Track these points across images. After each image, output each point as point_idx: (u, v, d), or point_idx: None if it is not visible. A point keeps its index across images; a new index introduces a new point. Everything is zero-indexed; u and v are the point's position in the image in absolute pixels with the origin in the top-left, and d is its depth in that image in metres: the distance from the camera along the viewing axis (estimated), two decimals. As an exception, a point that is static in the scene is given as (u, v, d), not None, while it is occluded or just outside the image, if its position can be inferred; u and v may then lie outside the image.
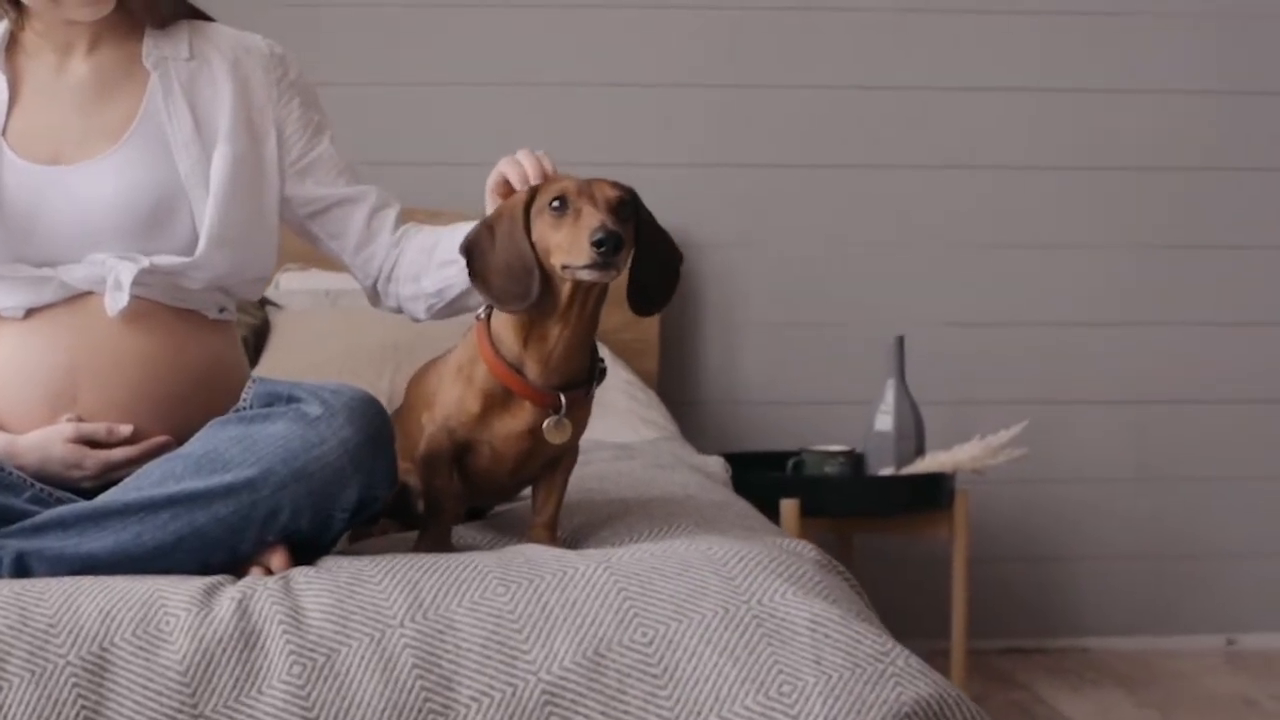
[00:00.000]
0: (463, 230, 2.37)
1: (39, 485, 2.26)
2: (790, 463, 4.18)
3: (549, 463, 2.32)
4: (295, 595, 2.03)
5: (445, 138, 4.52)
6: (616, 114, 4.64)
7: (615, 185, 2.20)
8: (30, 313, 2.36)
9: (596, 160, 4.45)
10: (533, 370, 2.24)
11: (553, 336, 2.22)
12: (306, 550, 2.19)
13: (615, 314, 4.32)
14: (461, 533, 2.37)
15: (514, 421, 2.25)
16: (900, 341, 4.22)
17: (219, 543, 2.13)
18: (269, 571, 2.15)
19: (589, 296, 2.22)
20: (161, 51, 2.46)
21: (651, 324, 4.38)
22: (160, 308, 2.37)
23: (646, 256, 2.24)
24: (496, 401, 2.26)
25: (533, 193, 2.22)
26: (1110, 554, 4.81)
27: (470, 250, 2.23)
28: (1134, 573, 4.83)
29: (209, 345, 2.42)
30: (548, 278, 2.19)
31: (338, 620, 1.98)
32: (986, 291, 4.74)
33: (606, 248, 2.09)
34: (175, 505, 2.12)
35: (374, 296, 2.60)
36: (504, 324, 2.25)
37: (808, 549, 2.26)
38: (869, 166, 4.68)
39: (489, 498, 2.42)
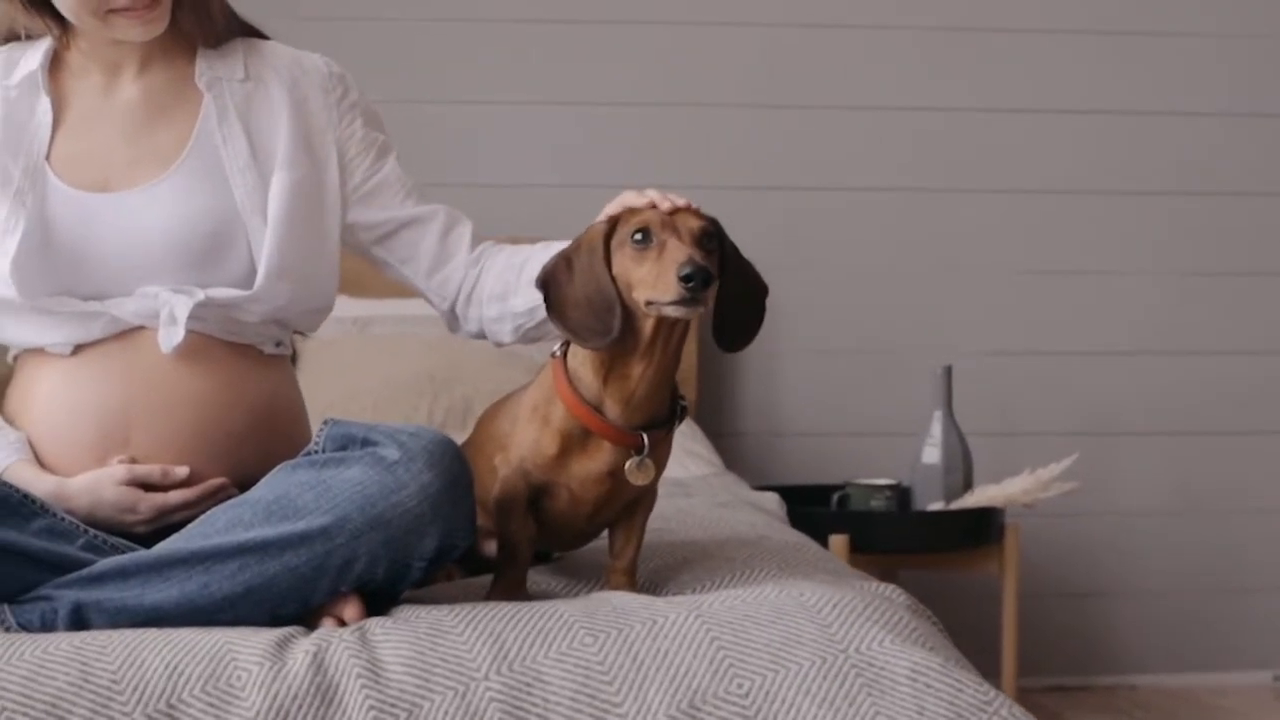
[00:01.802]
0: (556, 247, 2.28)
1: (92, 531, 2.16)
2: (835, 497, 4.12)
3: (628, 505, 2.24)
4: (373, 647, 1.94)
5: (482, 158, 4.45)
6: (655, 134, 4.58)
7: (699, 215, 2.12)
8: (78, 349, 2.27)
9: (634, 180, 4.34)
10: (613, 410, 2.15)
11: (635, 375, 2.14)
12: (378, 599, 2.09)
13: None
14: (534, 578, 2.29)
15: (593, 463, 2.17)
16: (948, 371, 4.15)
17: (290, 593, 2.04)
18: (342, 622, 2.06)
19: (673, 333, 2.13)
20: (215, 72, 2.38)
21: (689, 352, 4.29)
22: (215, 343, 2.28)
23: (732, 290, 2.15)
24: (574, 442, 2.17)
25: (612, 224, 2.13)
26: (1157, 589, 4.74)
27: (547, 282, 2.14)
28: (1181, 608, 4.76)
29: (266, 381, 2.33)
30: (629, 313, 2.10)
31: (419, 673, 1.90)
32: (1033, 319, 4.67)
33: (695, 283, 2.00)
34: (245, 554, 2.02)
35: (452, 320, 2.50)
36: (583, 362, 2.16)
37: (897, 593, 2.21)
38: (914, 190, 4.62)
39: (565, 543, 2.33)
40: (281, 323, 2.36)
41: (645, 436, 2.17)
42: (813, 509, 4.01)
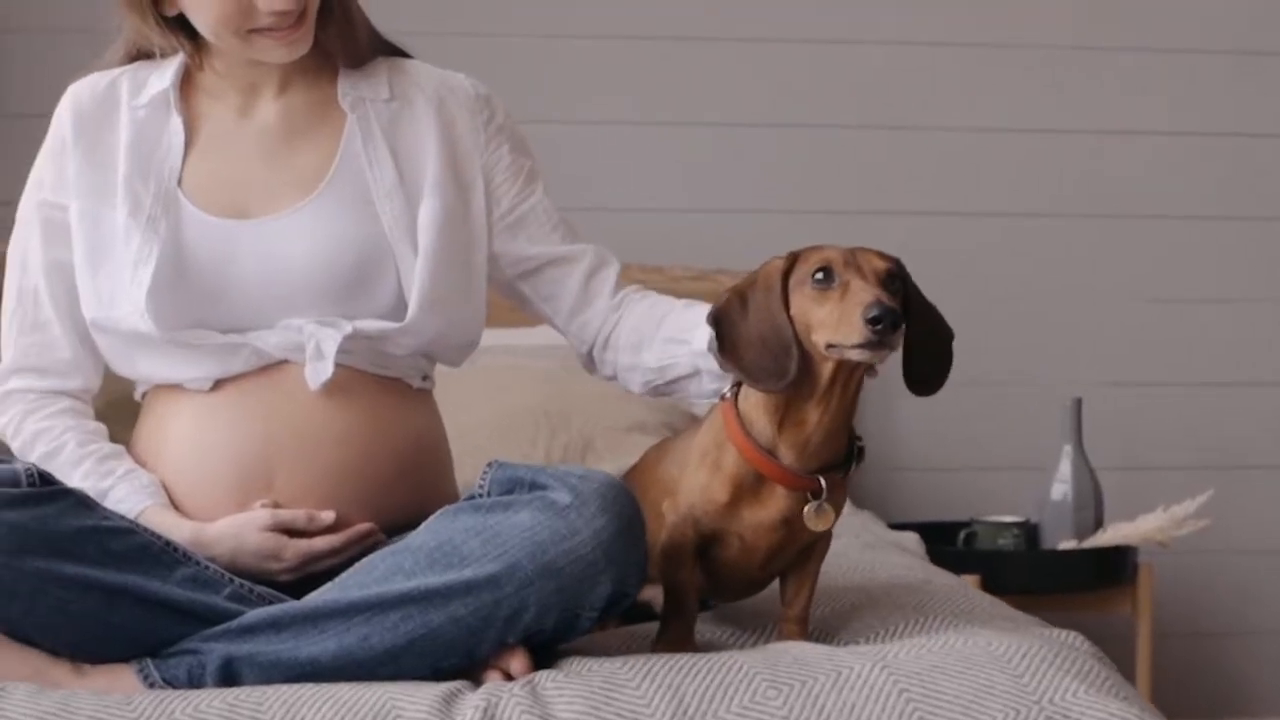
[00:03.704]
0: (698, 309, 2.24)
1: (238, 580, 2.08)
2: (962, 535, 4.02)
3: (801, 552, 2.16)
4: (545, 702, 1.86)
5: (604, 180, 4.37)
6: (780, 156, 4.47)
7: (883, 256, 2.03)
8: (218, 384, 2.19)
9: (758, 204, 4.39)
10: (788, 456, 2.07)
11: (811, 420, 2.05)
12: (542, 651, 2.01)
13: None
14: (699, 628, 2.20)
15: (766, 510, 2.08)
16: (1078, 404, 4.05)
17: (455, 645, 1.95)
18: (509, 676, 1.97)
19: (852, 377, 2.04)
20: (359, 92, 2.30)
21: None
22: (363, 377, 2.20)
23: (919, 332, 2.07)
24: (747, 489, 2.08)
25: (791, 260, 2.04)
26: (1290, 629, 4.63)
27: (719, 320, 2.05)
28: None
29: (414, 419, 2.25)
30: (806, 356, 2.02)
31: (596, 730, 1.83)
32: (1162, 349, 4.56)
33: (883, 325, 1.92)
34: (407, 604, 1.94)
35: (589, 363, 2.43)
36: (756, 406, 2.08)
37: (1081, 640, 2.11)
38: (1040, 215, 4.51)
39: (734, 592, 2.24)
40: (429, 356, 2.28)
41: (823, 480, 2.08)
42: (939, 547, 3.92)
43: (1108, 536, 3.96)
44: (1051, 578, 3.90)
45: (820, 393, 2.03)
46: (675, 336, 2.27)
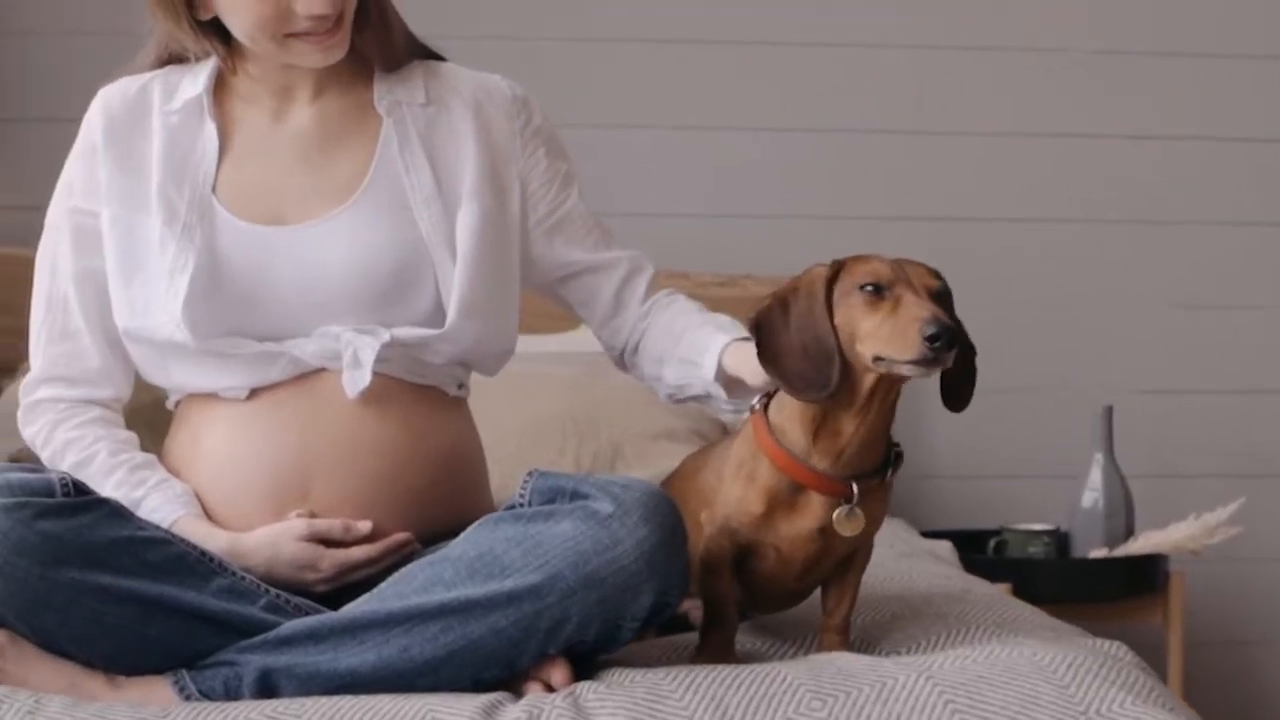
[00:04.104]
0: (709, 330, 2.24)
1: (274, 591, 2.06)
2: (992, 543, 4.01)
3: (841, 562, 2.14)
4: (588, 714, 1.85)
5: (628, 186, 4.34)
6: (806, 162, 4.45)
7: (932, 272, 2.03)
8: (254, 393, 2.17)
9: (784, 210, 4.37)
10: (821, 464, 2.05)
11: (846, 432, 2.04)
12: (583, 663, 1.99)
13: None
14: (739, 639, 2.18)
15: (802, 521, 2.07)
16: (1108, 412, 4.03)
17: (495, 656, 1.93)
18: (549, 688, 1.95)
19: (893, 389, 2.03)
20: (395, 96, 2.27)
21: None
22: (400, 385, 2.18)
23: (959, 350, 2.04)
24: (782, 500, 2.07)
25: (836, 269, 2.03)
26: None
27: (760, 326, 2.04)
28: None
29: (450, 427, 2.23)
30: (846, 366, 2.00)
31: (639, 742, 1.81)
32: (1194, 356, 4.54)
33: (941, 343, 1.91)
34: (447, 615, 1.92)
35: (621, 366, 2.43)
36: (789, 417, 2.06)
37: (1124, 650, 2.12)
38: (1070, 222, 4.49)
39: (772, 603, 2.23)
40: (466, 364, 2.26)
41: (855, 485, 2.06)
42: (969, 555, 3.90)
43: (1139, 545, 3.94)
44: (1082, 586, 3.88)
45: (859, 404, 2.02)
46: (688, 358, 2.25)
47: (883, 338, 1.95)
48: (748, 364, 2.13)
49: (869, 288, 1.97)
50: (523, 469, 3.08)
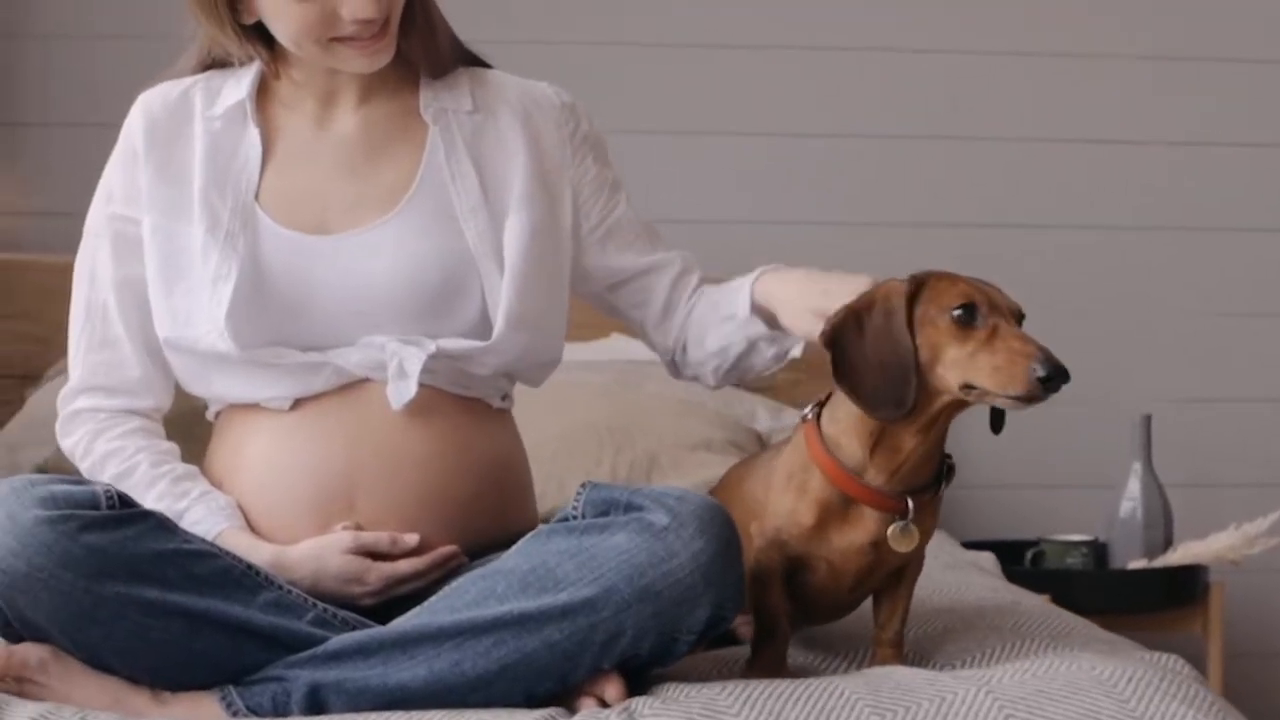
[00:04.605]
0: (740, 283, 2.24)
1: (321, 605, 2.04)
2: (1029, 554, 3.98)
3: (893, 574, 2.12)
4: (642, 730, 1.84)
5: (664, 190, 4.31)
6: (841, 167, 4.44)
7: (1012, 300, 2.02)
8: (297, 403, 2.15)
9: (821, 216, 4.35)
10: (877, 479, 2.04)
11: (907, 448, 2.02)
12: (636, 677, 1.97)
13: (827, 388, 4.21)
14: (790, 652, 2.16)
15: (854, 534, 2.05)
16: (1147, 421, 4.01)
17: (548, 671, 1.91)
18: (603, 703, 1.93)
19: (960, 409, 2.01)
20: (441, 103, 2.25)
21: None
22: (445, 397, 2.16)
23: None
24: (834, 512, 2.05)
25: (915, 286, 2.00)
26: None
27: (835, 340, 2.01)
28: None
29: (496, 439, 2.21)
30: (919, 384, 1.97)
31: (696, 759, 1.80)
32: (1233, 364, 4.52)
33: (1053, 384, 1.91)
34: (501, 629, 1.90)
35: (672, 367, 2.40)
36: (844, 430, 2.05)
37: (1181, 664, 2.11)
38: (1107, 228, 4.47)
39: (822, 616, 2.21)
40: (511, 375, 2.24)
41: (910, 500, 2.04)
42: (1006, 566, 3.87)
43: (1178, 555, 3.92)
44: (1121, 597, 3.86)
45: (923, 423, 2.00)
46: (726, 315, 2.25)
47: (981, 368, 1.93)
48: (779, 287, 2.15)
49: (960, 312, 1.95)
50: (560, 479, 3.09)
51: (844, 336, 2.00)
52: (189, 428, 2.38)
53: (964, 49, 4.46)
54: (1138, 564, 3.94)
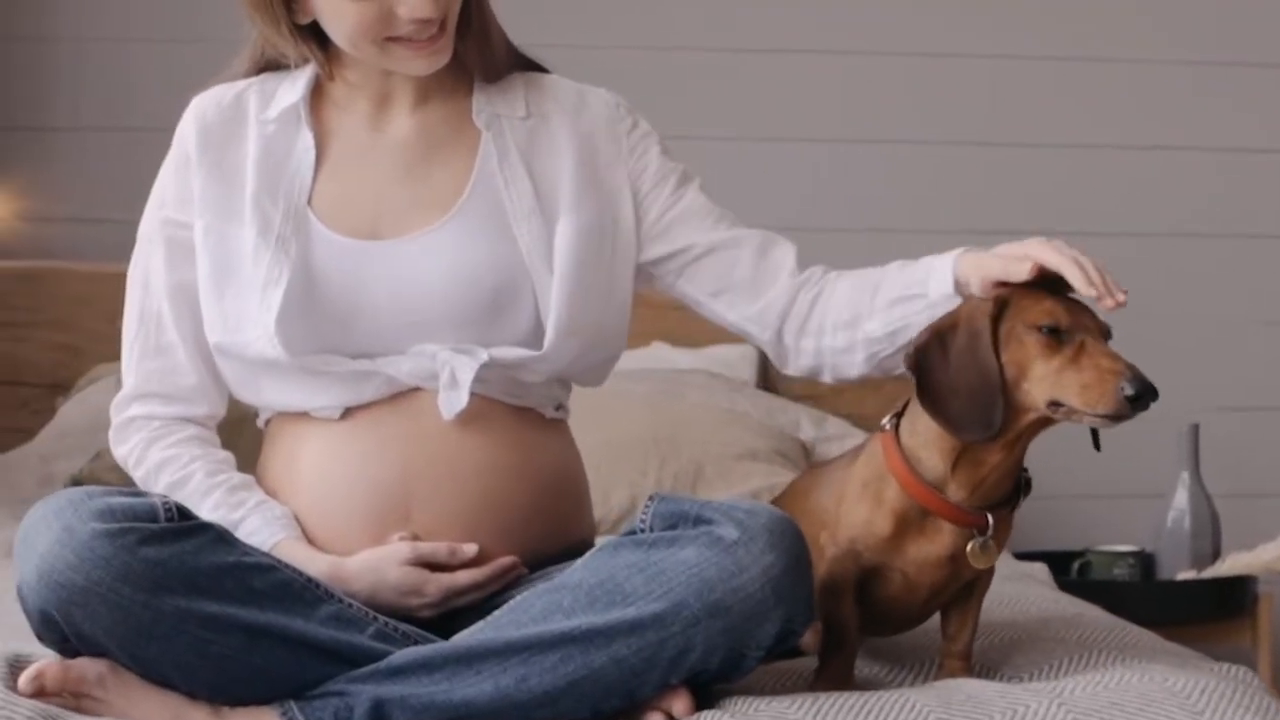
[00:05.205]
0: (919, 264, 2.13)
1: (382, 618, 2.02)
2: (1076, 565, 3.98)
3: (963, 587, 2.12)
4: (713, 745, 1.83)
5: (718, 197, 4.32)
6: (896, 173, 4.45)
7: (1099, 317, 2.00)
8: (348, 412, 2.13)
9: (834, 224, 4.33)
10: (956, 495, 2.03)
11: (990, 463, 2.01)
12: (703, 692, 1.96)
13: (870, 401, 4.20)
14: (856, 664, 2.14)
15: (932, 546, 2.04)
16: (1194, 430, 3.99)
17: (616, 687, 1.90)
18: (671, 718, 1.92)
19: (1046, 426, 2.00)
20: (494, 108, 2.23)
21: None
22: (497, 406, 2.14)
23: None
24: (911, 523, 2.04)
25: (999, 305, 1.99)
26: None
27: (919, 364, 1.99)
28: None
29: (551, 448, 2.19)
30: (1006, 403, 1.96)
31: (770, 774, 1.78)
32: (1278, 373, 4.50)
33: (1142, 402, 1.90)
34: (568, 644, 1.89)
35: (781, 354, 2.26)
36: (925, 444, 2.03)
37: (1250, 675, 2.08)
38: (1151, 235, 4.46)
39: (891, 627, 2.19)
40: (564, 381, 2.23)
41: (990, 517, 2.04)
42: (1053, 578, 3.88)
43: (1226, 566, 3.90)
44: (1169, 609, 3.83)
45: (1009, 440, 1.99)
46: (904, 295, 2.13)
47: (1069, 386, 1.92)
48: (979, 268, 2.06)
49: (1046, 329, 1.94)
50: (604, 489, 3.07)
51: (928, 358, 1.99)
52: (234, 433, 2.36)
53: (1007, 54, 4.45)
54: (1185, 575, 3.92)
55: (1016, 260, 2.01)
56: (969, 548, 2.03)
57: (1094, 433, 2.05)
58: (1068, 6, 4.49)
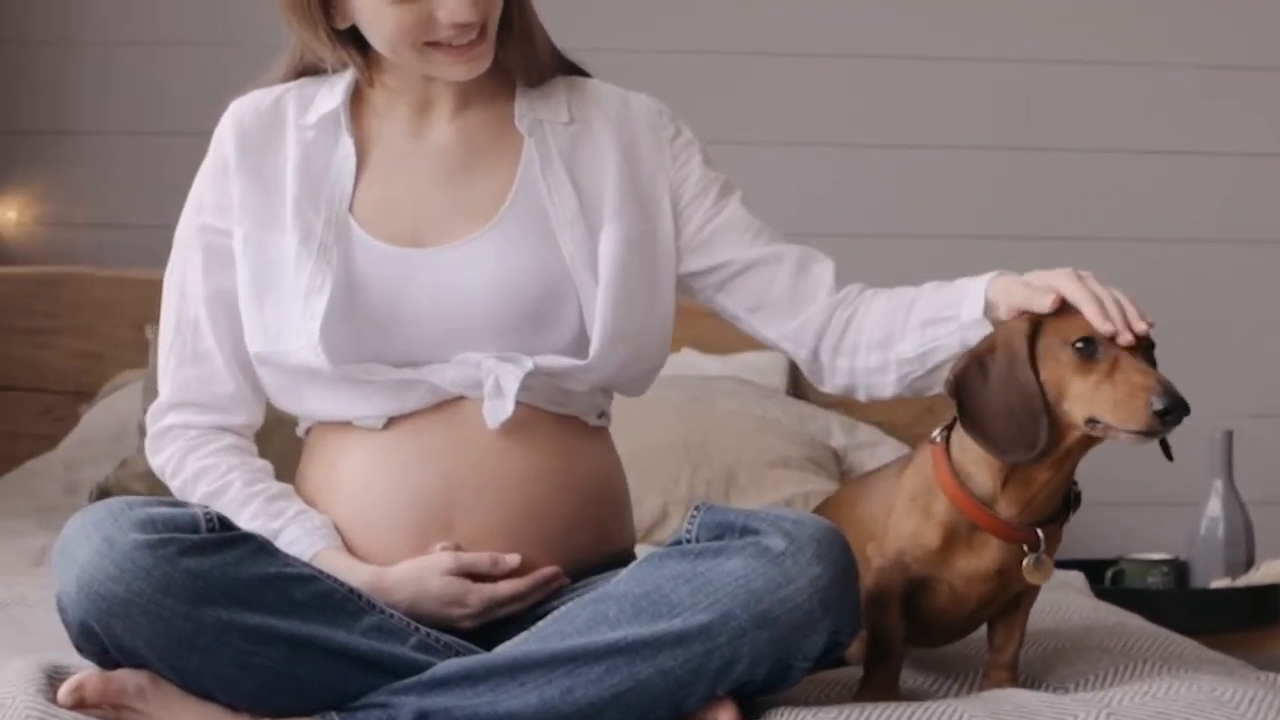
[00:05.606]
0: (953, 286, 2.13)
1: (424, 630, 2.01)
2: (1109, 573, 3.97)
3: (1010, 599, 2.11)
4: (761, 759, 1.82)
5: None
6: (906, 179, 4.45)
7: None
8: (390, 422, 2.12)
9: (871, 229, 4.36)
10: (1006, 511, 2.02)
11: (1040, 480, 2.01)
12: (748, 703, 1.95)
13: (902, 408, 4.19)
14: (901, 675, 2.13)
15: (980, 560, 2.04)
16: (1228, 437, 3.97)
17: (662, 698, 1.89)
18: (716, 729, 1.91)
19: (1094, 443, 1.99)
20: (537, 114, 2.22)
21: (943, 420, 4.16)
22: (541, 415, 2.13)
23: None
24: (959, 537, 2.04)
25: (1034, 324, 1.99)
26: None
27: (960, 388, 1.99)
28: None
29: (594, 457, 2.19)
30: (1051, 422, 1.95)
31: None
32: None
33: (1172, 418, 1.88)
34: (614, 655, 1.88)
35: (816, 371, 2.27)
36: (975, 461, 2.03)
37: (1297, 685, 2.06)
38: (1183, 240, 4.45)
39: (936, 639, 2.19)
40: (607, 390, 2.22)
41: (1041, 533, 2.03)
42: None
43: (1261, 574, 3.89)
44: (1203, 617, 3.80)
45: (1056, 458, 1.98)
46: (936, 317, 2.13)
47: (1103, 402, 1.91)
48: (1008, 294, 2.05)
49: (1081, 345, 1.94)
50: (637, 497, 3.05)
51: (968, 383, 1.98)
52: (263, 440, 2.35)
53: (1042, 58, 4.45)
54: (1220, 583, 3.91)
55: (1041, 292, 2.01)
56: (1024, 564, 2.02)
57: (1163, 443, 2.03)
58: (1082, 12, 4.49)
